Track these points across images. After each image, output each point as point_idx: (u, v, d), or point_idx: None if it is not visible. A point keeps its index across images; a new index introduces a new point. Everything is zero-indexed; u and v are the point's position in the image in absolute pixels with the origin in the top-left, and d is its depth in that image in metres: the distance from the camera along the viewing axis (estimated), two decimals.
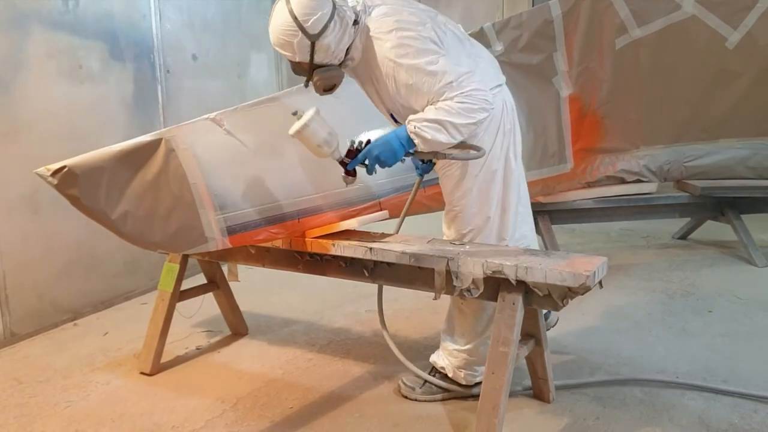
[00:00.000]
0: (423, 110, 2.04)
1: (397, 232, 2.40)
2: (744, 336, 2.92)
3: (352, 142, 2.14)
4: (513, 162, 2.25)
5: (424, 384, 2.43)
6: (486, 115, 2.05)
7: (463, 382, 2.39)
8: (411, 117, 2.05)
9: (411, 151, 2.08)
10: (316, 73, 2.08)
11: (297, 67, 2.11)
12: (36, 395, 2.55)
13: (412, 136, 2.03)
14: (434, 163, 2.31)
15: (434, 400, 2.40)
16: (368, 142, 2.12)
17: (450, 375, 2.40)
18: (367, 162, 2.12)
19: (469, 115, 2.00)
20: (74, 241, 3.36)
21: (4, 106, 3.00)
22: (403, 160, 2.11)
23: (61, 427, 2.30)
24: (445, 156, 2.10)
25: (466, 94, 1.98)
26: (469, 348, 2.35)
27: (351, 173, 2.15)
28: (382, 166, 2.10)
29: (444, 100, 1.99)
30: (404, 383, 2.47)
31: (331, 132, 2.07)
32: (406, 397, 2.43)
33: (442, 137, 2.01)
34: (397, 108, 2.16)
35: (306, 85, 2.13)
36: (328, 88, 2.13)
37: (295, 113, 2.06)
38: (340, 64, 2.12)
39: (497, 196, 2.23)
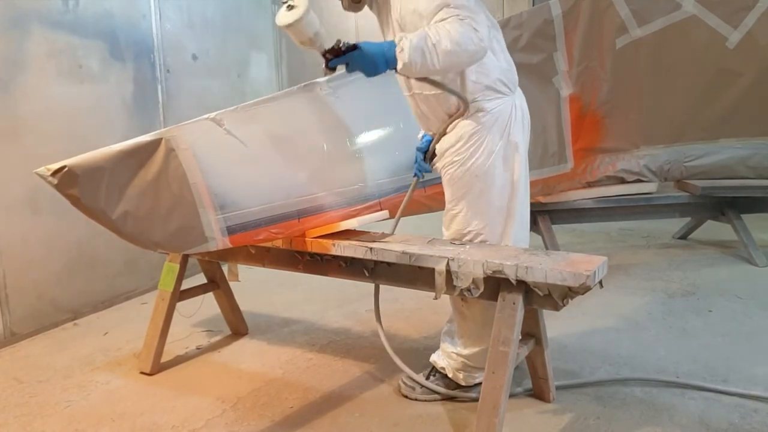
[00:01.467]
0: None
1: (393, 233, 2.40)
2: (744, 336, 2.92)
3: (338, 41, 2.10)
4: (521, 168, 2.22)
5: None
6: (474, 51, 1.96)
7: (463, 383, 2.39)
8: (401, 35, 2.01)
9: (395, 68, 2.03)
10: None
11: None
12: (36, 395, 2.55)
13: (398, 53, 1.99)
14: (431, 165, 2.32)
15: (434, 400, 2.40)
16: (354, 47, 2.04)
17: (449, 375, 2.40)
18: (348, 64, 2.08)
19: (454, 42, 1.93)
20: (74, 241, 3.36)
21: (4, 105, 3.00)
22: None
23: (61, 427, 2.31)
24: (434, 84, 2.09)
25: (461, 17, 1.94)
26: (467, 354, 2.34)
27: (332, 69, 2.14)
28: (362, 73, 2.08)
29: (437, 21, 1.96)
30: (404, 383, 2.47)
31: (321, 23, 2.06)
32: (406, 397, 2.43)
33: (419, 60, 1.96)
34: None
35: None
36: None
37: (285, 1, 2.03)
38: None
39: (501, 201, 2.21)
